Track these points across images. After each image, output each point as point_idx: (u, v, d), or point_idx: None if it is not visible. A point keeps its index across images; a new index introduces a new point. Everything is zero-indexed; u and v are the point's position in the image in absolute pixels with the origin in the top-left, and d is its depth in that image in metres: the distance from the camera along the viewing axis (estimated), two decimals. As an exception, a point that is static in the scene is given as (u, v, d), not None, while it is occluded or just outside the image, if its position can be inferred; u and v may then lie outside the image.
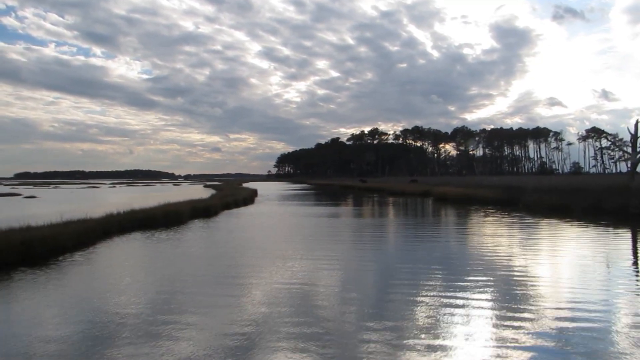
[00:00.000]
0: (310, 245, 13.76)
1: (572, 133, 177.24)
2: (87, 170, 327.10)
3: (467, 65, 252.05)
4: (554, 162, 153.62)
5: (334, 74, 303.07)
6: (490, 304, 7.19)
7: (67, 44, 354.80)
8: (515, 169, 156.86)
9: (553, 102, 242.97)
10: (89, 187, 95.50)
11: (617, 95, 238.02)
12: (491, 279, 8.87)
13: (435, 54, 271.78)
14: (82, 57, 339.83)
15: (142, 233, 16.33)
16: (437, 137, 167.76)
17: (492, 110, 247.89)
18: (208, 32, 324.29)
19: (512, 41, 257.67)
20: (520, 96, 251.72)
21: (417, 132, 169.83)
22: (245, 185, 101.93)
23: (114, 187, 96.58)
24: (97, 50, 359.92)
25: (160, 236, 15.62)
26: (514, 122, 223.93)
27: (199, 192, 54.79)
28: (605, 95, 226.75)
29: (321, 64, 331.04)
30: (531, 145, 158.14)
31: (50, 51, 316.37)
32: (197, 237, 15.57)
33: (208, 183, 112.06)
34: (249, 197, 36.06)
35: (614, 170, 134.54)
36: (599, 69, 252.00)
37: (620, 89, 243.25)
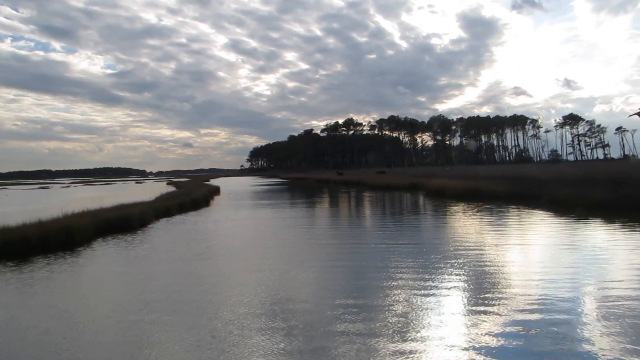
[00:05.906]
0: (269, 299, 8.00)
1: (539, 122, 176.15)
2: (54, 169, 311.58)
3: (435, 56, 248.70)
4: (527, 150, 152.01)
5: (304, 66, 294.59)
6: None
7: (24, 38, 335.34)
8: (492, 158, 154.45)
9: (519, 92, 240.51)
10: (39, 187, 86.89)
11: (580, 84, 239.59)
12: None
13: (404, 44, 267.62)
14: (41, 52, 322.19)
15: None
16: (414, 126, 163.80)
17: (462, 100, 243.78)
18: (172, 25, 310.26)
19: (479, 30, 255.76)
20: (489, 86, 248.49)
21: (393, 122, 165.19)
22: (216, 180, 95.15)
23: (68, 187, 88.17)
24: (57, 44, 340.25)
25: (20, 276, 9.61)
26: (483, 111, 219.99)
27: (155, 190, 48.01)
28: (567, 84, 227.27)
29: (290, 56, 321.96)
30: (508, 133, 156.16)
31: (6, 46, 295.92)
32: (80, 280, 9.61)
33: (174, 180, 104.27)
34: (204, 198, 29.84)
35: (590, 157, 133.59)
36: (565, 57, 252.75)
37: (586, 78, 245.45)
